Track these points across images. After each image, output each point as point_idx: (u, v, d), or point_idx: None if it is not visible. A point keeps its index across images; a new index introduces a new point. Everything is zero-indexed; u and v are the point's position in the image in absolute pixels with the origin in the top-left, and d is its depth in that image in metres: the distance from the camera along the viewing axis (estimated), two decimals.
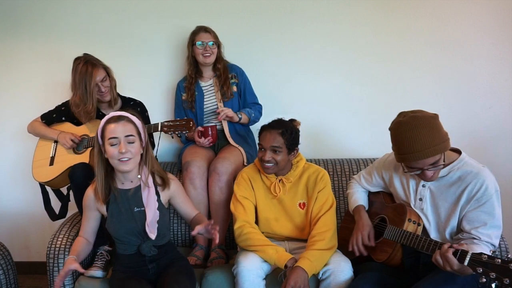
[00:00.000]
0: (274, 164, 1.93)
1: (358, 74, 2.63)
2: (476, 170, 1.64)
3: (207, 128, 2.35)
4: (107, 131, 1.71)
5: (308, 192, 2.00)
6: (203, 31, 2.39)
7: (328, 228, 1.90)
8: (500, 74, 2.56)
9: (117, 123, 1.72)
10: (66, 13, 2.68)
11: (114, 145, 1.71)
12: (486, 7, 2.53)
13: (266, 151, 1.91)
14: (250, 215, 1.99)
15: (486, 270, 1.34)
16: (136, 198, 1.80)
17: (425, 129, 1.57)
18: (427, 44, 2.57)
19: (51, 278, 1.99)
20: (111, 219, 1.79)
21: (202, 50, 2.37)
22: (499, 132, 2.56)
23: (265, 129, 1.95)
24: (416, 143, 1.57)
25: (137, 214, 1.79)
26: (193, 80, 2.46)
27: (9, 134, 2.79)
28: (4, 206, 2.85)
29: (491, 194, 1.61)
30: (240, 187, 2.03)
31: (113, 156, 1.71)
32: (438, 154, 1.58)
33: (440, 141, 1.58)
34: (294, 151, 1.97)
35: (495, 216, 1.61)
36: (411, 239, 1.65)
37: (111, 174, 1.81)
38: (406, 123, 1.61)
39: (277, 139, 1.90)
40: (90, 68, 2.13)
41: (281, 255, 1.82)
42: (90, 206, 1.82)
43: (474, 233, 1.61)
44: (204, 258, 2.19)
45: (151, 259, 1.82)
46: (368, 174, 2.02)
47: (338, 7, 2.58)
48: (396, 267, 1.77)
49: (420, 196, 1.76)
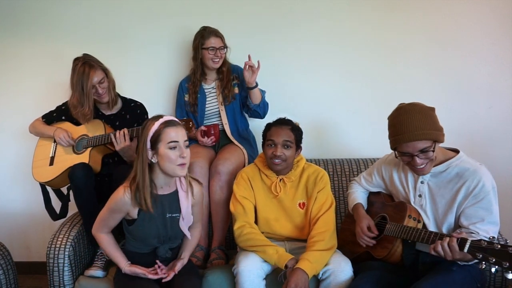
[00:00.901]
0: (283, 161, 1.95)
1: (357, 74, 2.63)
2: (473, 168, 1.67)
3: (210, 127, 2.35)
4: (166, 135, 1.65)
5: (307, 192, 2.00)
6: (214, 35, 2.35)
7: (327, 228, 1.90)
8: (500, 74, 2.56)
9: (176, 127, 1.68)
10: (66, 13, 2.68)
11: (174, 149, 1.67)
12: (486, 7, 2.53)
13: (277, 146, 1.93)
14: (250, 215, 1.99)
15: (485, 256, 1.36)
16: (170, 204, 1.78)
17: (419, 114, 1.64)
18: (427, 44, 2.57)
19: (51, 278, 1.99)
20: (142, 222, 1.75)
21: (213, 56, 2.35)
22: (499, 132, 2.56)
23: (274, 125, 1.99)
24: (409, 124, 1.63)
25: (168, 220, 1.78)
26: (198, 82, 2.44)
27: (9, 134, 2.79)
28: (4, 206, 2.85)
29: (488, 191, 1.63)
30: (240, 187, 2.03)
31: (173, 161, 1.66)
32: (428, 139, 1.62)
33: (432, 129, 1.63)
34: (299, 149, 2.01)
35: (493, 212, 1.63)
36: (411, 233, 1.66)
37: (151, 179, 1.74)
38: (402, 108, 1.70)
39: (288, 134, 1.94)
40: (87, 69, 2.12)
41: (281, 255, 1.82)
42: (122, 210, 1.73)
43: (472, 228, 1.63)
44: (204, 259, 2.19)
45: (162, 260, 1.82)
46: (368, 174, 2.03)
47: (338, 6, 2.58)
48: (396, 264, 1.78)
49: (419, 193, 1.78)
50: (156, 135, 1.66)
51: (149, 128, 1.67)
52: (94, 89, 2.16)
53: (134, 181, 1.70)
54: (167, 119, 1.70)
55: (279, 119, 2.02)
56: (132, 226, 1.76)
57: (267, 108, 2.46)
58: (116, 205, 1.73)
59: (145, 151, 1.67)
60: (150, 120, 1.71)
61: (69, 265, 1.99)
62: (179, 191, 1.78)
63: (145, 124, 1.71)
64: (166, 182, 1.76)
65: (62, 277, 1.98)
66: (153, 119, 1.70)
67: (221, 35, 2.39)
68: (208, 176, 2.28)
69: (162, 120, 1.69)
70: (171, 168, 1.68)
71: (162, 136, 1.66)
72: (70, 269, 2.00)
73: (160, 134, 1.66)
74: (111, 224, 1.80)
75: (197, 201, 1.87)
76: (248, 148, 2.42)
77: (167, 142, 1.66)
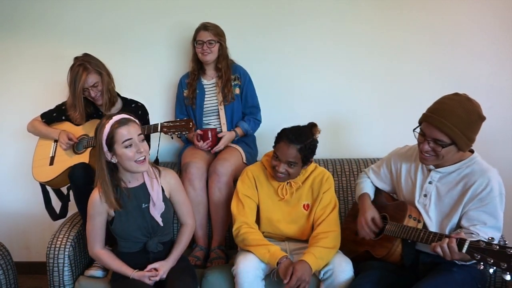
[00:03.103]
0: (286, 175, 1.92)
1: (360, 74, 2.62)
2: (484, 171, 1.64)
3: (206, 131, 2.33)
4: (118, 135, 1.68)
5: (313, 193, 2.00)
6: (203, 29, 2.37)
7: (332, 229, 1.90)
8: (500, 74, 2.56)
9: (127, 125, 1.70)
10: (66, 13, 2.68)
11: (130, 147, 1.69)
12: (487, 7, 2.52)
13: (280, 163, 1.88)
14: (250, 215, 1.98)
15: (484, 256, 1.36)
16: (143, 194, 1.80)
17: (461, 110, 1.57)
18: (427, 44, 2.57)
19: (51, 278, 1.99)
20: (120, 218, 1.79)
21: (200, 49, 2.37)
22: (499, 132, 2.56)
23: (283, 139, 1.87)
24: (444, 111, 1.58)
25: (145, 210, 1.81)
26: (196, 77, 2.45)
27: (9, 134, 2.79)
28: (4, 206, 2.85)
29: (495, 196, 1.60)
30: (244, 185, 2.02)
31: (131, 158, 1.69)
32: (447, 135, 1.57)
33: (460, 130, 1.57)
34: (308, 162, 1.95)
35: (496, 218, 1.60)
36: (411, 232, 1.65)
37: (115, 177, 1.78)
38: (456, 96, 1.64)
39: (294, 155, 1.85)
40: (81, 71, 2.13)
41: (272, 253, 1.81)
42: (99, 211, 1.78)
43: (472, 229, 1.60)
44: (203, 259, 2.20)
45: (155, 257, 1.83)
46: (377, 166, 2.01)
47: (342, 5, 2.58)
48: (396, 263, 1.78)
49: (425, 192, 1.76)
50: (110, 137, 1.69)
51: (101, 131, 1.70)
52: (87, 91, 2.17)
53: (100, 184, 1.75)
54: (117, 119, 1.71)
55: (293, 132, 1.87)
56: (113, 225, 1.80)
57: (255, 126, 2.48)
58: (93, 208, 1.78)
59: (102, 153, 1.70)
60: (102, 121, 1.72)
61: (69, 265, 1.99)
62: (145, 180, 1.81)
63: (97, 127, 1.73)
64: (132, 176, 1.80)
65: (62, 277, 1.98)
66: (105, 120, 1.72)
67: (212, 27, 2.37)
68: (206, 177, 2.28)
69: (112, 121, 1.70)
70: (131, 166, 1.72)
71: (116, 137, 1.68)
72: (70, 269, 2.00)
73: (113, 135, 1.68)
74: (99, 233, 1.83)
75: (173, 187, 1.89)
76: (245, 146, 2.41)
77: (121, 142, 1.68)
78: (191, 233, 1.96)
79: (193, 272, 1.89)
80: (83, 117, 2.23)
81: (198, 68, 2.45)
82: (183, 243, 1.92)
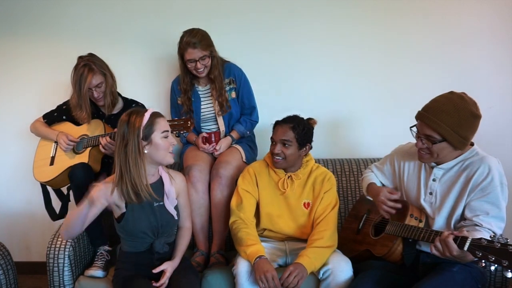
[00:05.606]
0: (283, 159, 1.95)
1: (360, 74, 2.63)
2: (484, 158, 1.65)
3: (211, 134, 2.35)
4: (159, 125, 1.73)
5: (314, 192, 2.01)
6: (191, 47, 2.18)
7: (327, 228, 1.92)
8: (500, 74, 2.56)
9: (164, 118, 1.78)
10: (66, 13, 2.68)
11: (167, 138, 1.75)
12: (487, 7, 2.53)
13: (276, 144, 1.95)
14: (247, 210, 1.99)
15: (485, 254, 1.36)
16: (157, 192, 1.80)
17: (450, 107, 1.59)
18: (427, 43, 2.57)
19: (51, 278, 1.99)
20: (132, 213, 1.77)
21: (194, 67, 2.26)
22: (499, 132, 2.56)
23: (277, 124, 2.00)
24: (434, 107, 1.62)
25: (156, 209, 1.80)
26: (189, 87, 2.37)
27: (9, 134, 2.79)
28: (4, 206, 2.85)
29: (496, 185, 1.61)
30: (244, 181, 2.05)
31: (166, 149, 1.74)
32: (436, 132, 1.59)
33: (450, 127, 1.58)
34: (305, 147, 1.99)
35: (499, 207, 1.60)
36: (412, 231, 1.65)
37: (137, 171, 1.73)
38: (453, 94, 1.65)
39: (287, 133, 1.93)
40: (86, 72, 2.13)
41: (248, 255, 1.83)
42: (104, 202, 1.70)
43: (475, 220, 1.60)
44: (204, 264, 2.18)
45: (160, 257, 1.83)
46: (381, 163, 2.01)
47: (342, 4, 2.58)
48: (396, 263, 1.78)
49: (430, 190, 1.75)
50: (150, 126, 1.71)
51: (139, 120, 1.70)
52: (90, 92, 2.18)
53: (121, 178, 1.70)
54: (154, 111, 1.77)
55: (286, 117, 2.01)
56: (122, 221, 1.77)
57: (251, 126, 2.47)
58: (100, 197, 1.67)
59: (135, 143, 1.68)
60: (135, 113, 1.72)
61: (69, 265, 1.99)
62: (162, 174, 1.84)
63: (129, 118, 1.71)
64: (152, 171, 1.80)
65: (62, 277, 1.98)
66: (140, 112, 1.73)
67: (198, 42, 2.18)
68: (208, 180, 2.28)
69: (150, 111, 1.74)
70: (165, 156, 1.75)
71: (155, 126, 1.72)
72: (70, 269, 2.00)
73: (153, 124, 1.71)
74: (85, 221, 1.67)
75: (181, 189, 1.91)
76: (245, 147, 2.41)
77: (161, 132, 1.73)
78: (190, 234, 1.99)
79: (195, 271, 1.93)
80: (90, 117, 2.23)
81: (190, 78, 2.36)
82: (184, 245, 1.93)
